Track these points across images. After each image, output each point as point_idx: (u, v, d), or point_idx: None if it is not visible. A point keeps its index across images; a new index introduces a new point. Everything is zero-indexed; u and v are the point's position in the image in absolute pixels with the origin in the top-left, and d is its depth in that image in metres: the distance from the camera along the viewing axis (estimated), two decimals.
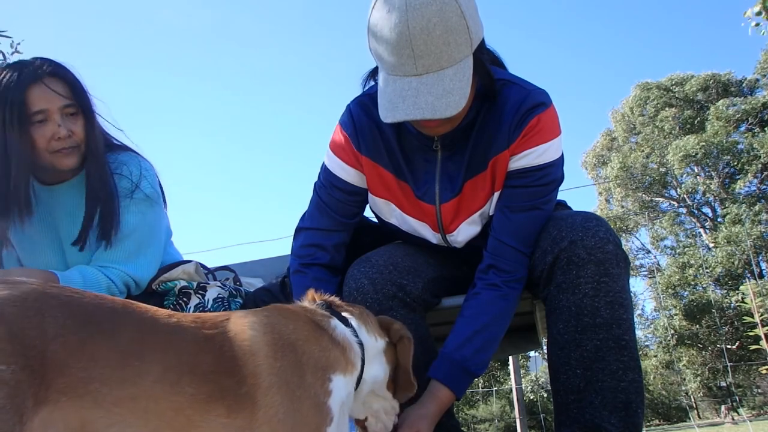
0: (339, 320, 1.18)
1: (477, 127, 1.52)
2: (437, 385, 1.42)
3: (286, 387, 0.99)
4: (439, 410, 1.41)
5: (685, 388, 19.63)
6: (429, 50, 1.27)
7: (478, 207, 1.56)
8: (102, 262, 1.75)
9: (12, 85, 1.65)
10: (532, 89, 1.50)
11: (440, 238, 1.63)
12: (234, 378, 0.96)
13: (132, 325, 0.93)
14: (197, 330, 0.99)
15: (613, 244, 1.41)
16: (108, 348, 0.88)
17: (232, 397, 0.94)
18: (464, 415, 18.32)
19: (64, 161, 1.72)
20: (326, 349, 1.10)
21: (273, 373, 0.99)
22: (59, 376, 0.83)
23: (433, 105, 1.28)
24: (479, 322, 1.45)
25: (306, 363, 1.04)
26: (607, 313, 1.38)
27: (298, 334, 1.08)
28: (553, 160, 1.49)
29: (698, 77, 22.81)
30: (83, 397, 0.84)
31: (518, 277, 1.50)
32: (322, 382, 1.05)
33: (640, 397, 1.39)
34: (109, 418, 0.85)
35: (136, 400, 0.87)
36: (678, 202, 22.97)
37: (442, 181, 1.56)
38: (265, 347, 1.01)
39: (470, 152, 1.53)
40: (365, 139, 1.59)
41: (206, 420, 0.92)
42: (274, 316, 1.10)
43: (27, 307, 0.85)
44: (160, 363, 0.91)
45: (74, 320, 0.88)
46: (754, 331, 6.71)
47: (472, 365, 1.43)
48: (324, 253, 1.65)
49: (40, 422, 0.81)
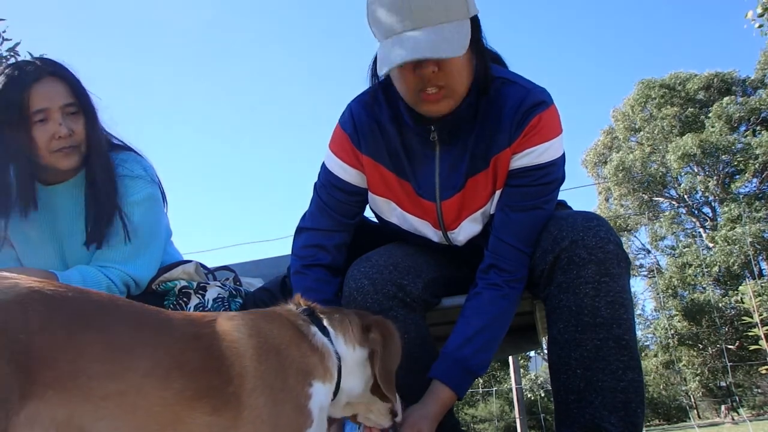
0: (318, 328, 1.19)
1: (477, 124, 1.52)
2: (439, 385, 1.42)
3: (270, 389, 1.01)
4: (441, 410, 1.41)
5: (685, 388, 19.63)
6: (426, 5, 1.31)
7: (480, 205, 1.56)
8: (102, 261, 1.74)
9: (13, 85, 1.65)
10: (533, 88, 1.50)
11: (441, 235, 1.63)
12: (221, 377, 0.97)
13: (121, 320, 0.94)
14: (186, 327, 1.00)
15: (613, 243, 1.41)
16: (96, 342, 0.89)
17: (218, 395, 0.95)
18: (464, 415, 18.32)
19: (64, 161, 1.72)
20: (305, 355, 1.11)
21: (258, 376, 1.01)
22: (46, 369, 0.83)
23: (433, 44, 1.30)
24: (480, 321, 1.45)
25: (288, 367, 1.06)
26: (607, 312, 1.38)
27: (282, 338, 1.10)
28: (554, 159, 1.49)
29: (700, 76, 22.78)
30: (71, 391, 0.84)
31: (519, 276, 1.50)
32: (303, 386, 1.07)
33: (640, 397, 1.39)
34: (97, 412, 0.85)
35: (124, 394, 0.88)
36: (678, 201, 22.97)
37: (442, 178, 1.56)
38: (250, 350, 1.03)
39: (471, 150, 1.53)
40: (366, 137, 1.59)
41: (192, 417, 0.92)
42: (259, 319, 1.12)
43: (9, 301, 0.85)
44: (148, 358, 0.92)
45: (60, 314, 0.88)
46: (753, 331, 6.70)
47: (474, 365, 1.43)
48: (325, 253, 1.65)
49: (26, 416, 0.81)
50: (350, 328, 1.24)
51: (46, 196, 1.81)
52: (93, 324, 0.90)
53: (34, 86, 1.66)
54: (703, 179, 21.58)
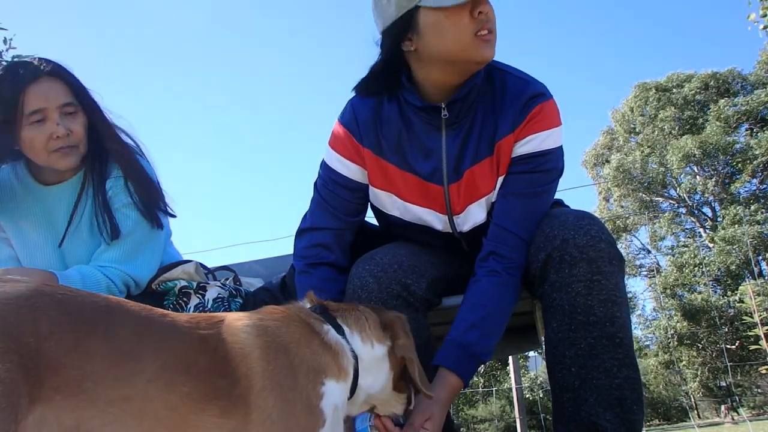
0: (332, 326, 1.17)
1: (480, 111, 1.55)
2: (445, 371, 1.42)
3: (279, 389, 1.00)
4: (450, 396, 1.42)
5: (685, 388, 19.62)
6: None
7: (486, 192, 1.57)
8: (101, 261, 1.74)
9: (10, 85, 1.64)
10: (532, 80, 1.56)
11: (446, 221, 1.63)
12: (228, 379, 0.96)
13: (127, 324, 0.94)
14: (192, 330, 0.99)
15: (605, 242, 1.42)
16: (103, 347, 0.88)
17: (226, 397, 0.94)
18: (464, 415, 18.31)
19: (62, 161, 1.72)
20: (317, 353, 1.10)
21: (266, 376, 1.00)
22: (53, 374, 0.83)
23: None
24: (483, 308, 1.46)
25: (298, 366, 1.05)
26: (600, 311, 1.39)
27: (291, 336, 1.08)
28: (554, 148, 1.53)
29: (698, 76, 22.74)
30: (78, 396, 0.84)
31: (518, 264, 1.51)
32: (314, 385, 1.05)
33: (636, 394, 1.39)
34: (104, 417, 0.85)
35: (130, 399, 0.87)
36: (677, 201, 22.96)
37: (449, 161, 1.57)
38: (257, 350, 1.02)
39: (476, 134, 1.55)
40: (367, 131, 1.60)
41: (200, 419, 0.92)
42: (267, 318, 1.10)
43: (20, 305, 0.85)
44: (155, 362, 0.91)
45: (69, 318, 0.88)
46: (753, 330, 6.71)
47: (479, 350, 1.43)
48: (329, 252, 1.64)
49: (34, 420, 0.81)
50: (367, 325, 1.23)
51: (44, 196, 1.82)
52: (100, 328, 0.90)
53: (31, 86, 1.65)
54: (702, 180, 21.59)
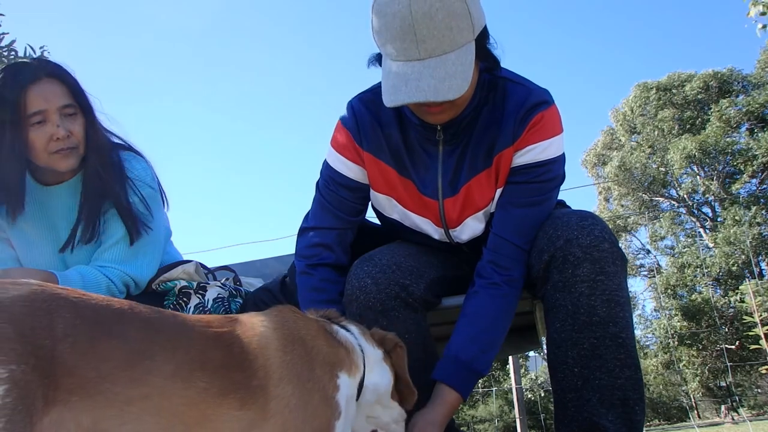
0: (339, 327, 1.21)
1: (480, 123, 1.53)
2: (444, 387, 1.41)
3: (297, 379, 1.01)
4: (448, 414, 1.41)
5: (685, 388, 19.61)
6: (431, 34, 1.28)
7: (483, 205, 1.56)
8: (101, 262, 1.74)
9: (10, 86, 1.64)
10: (534, 88, 1.53)
11: (443, 233, 1.63)
12: (245, 372, 0.97)
13: (140, 324, 0.94)
14: (205, 328, 1.01)
15: (608, 242, 1.41)
16: (118, 347, 0.88)
17: (244, 390, 0.95)
18: (464, 415, 18.30)
19: (62, 162, 1.71)
20: (333, 346, 1.12)
21: (283, 366, 1.01)
22: (69, 376, 0.83)
23: (435, 87, 1.29)
24: (481, 322, 1.46)
25: (315, 357, 1.07)
26: (603, 311, 1.39)
27: (308, 330, 1.11)
28: (555, 157, 1.51)
29: (699, 76, 22.72)
30: (94, 397, 0.84)
31: (516, 276, 1.50)
32: (331, 376, 1.07)
33: (638, 394, 1.39)
34: (122, 417, 0.86)
35: (148, 398, 0.87)
36: (678, 201, 22.95)
37: (445, 176, 1.56)
38: (275, 341, 1.03)
39: (473, 148, 1.53)
40: (367, 134, 1.60)
41: (219, 413, 0.92)
42: (283, 313, 1.13)
43: (36, 307, 0.84)
44: (170, 361, 0.91)
45: (83, 320, 0.88)
46: (754, 330, 6.71)
47: (478, 365, 1.43)
48: (330, 252, 1.64)
49: (50, 422, 0.80)
50: (366, 330, 1.28)
51: (44, 196, 1.82)
52: (114, 330, 0.90)
53: (31, 88, 1.65)
54: (703, 180, 21.58)
